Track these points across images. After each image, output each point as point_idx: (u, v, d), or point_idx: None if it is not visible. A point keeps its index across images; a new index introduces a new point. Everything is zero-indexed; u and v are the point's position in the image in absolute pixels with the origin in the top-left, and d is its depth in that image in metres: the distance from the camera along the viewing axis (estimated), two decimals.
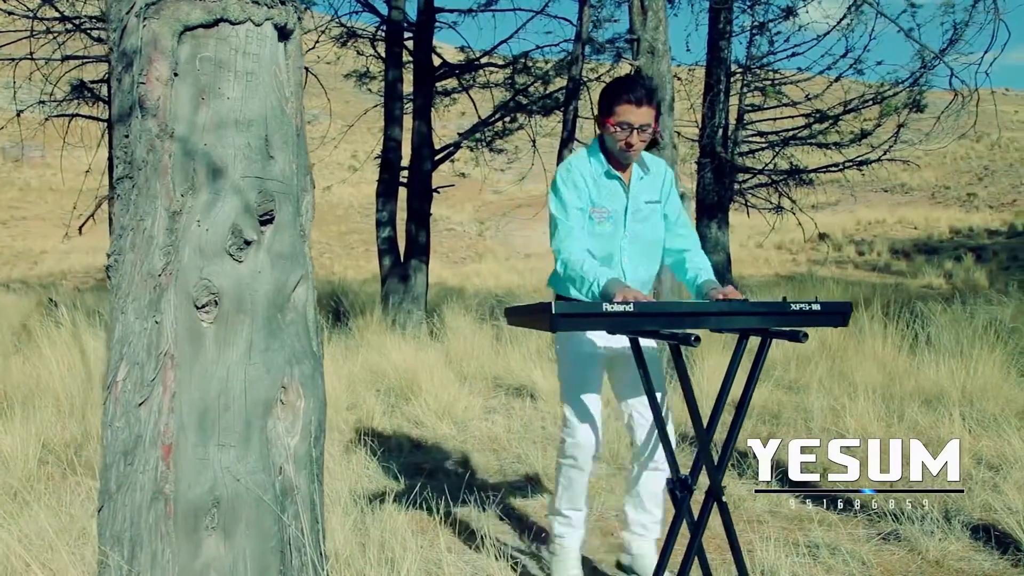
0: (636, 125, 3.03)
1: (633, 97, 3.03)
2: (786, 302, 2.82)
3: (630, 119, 3.03)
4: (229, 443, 1.98)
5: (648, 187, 3.25)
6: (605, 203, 3.15)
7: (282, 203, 2.05)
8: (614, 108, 3.05)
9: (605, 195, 3.15)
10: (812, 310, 2.82)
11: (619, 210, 3.18)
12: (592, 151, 3.21)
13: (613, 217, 3.17)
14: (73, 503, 4.17)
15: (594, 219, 3.16)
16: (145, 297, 1.95)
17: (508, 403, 6.97)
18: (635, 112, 3.03)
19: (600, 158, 3.17)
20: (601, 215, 3.16)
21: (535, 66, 14.11)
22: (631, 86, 3.07)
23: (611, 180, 3.17)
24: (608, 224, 3.17)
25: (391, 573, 3.10)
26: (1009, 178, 41.70)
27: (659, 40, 7.39)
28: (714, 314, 2.75)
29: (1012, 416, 5.64)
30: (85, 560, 3.46)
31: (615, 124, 3.04)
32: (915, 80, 11.18)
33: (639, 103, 3.03)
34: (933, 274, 20.67)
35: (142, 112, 1.96)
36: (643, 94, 3.05)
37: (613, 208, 3.17)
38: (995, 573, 3.54)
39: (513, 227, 36.89)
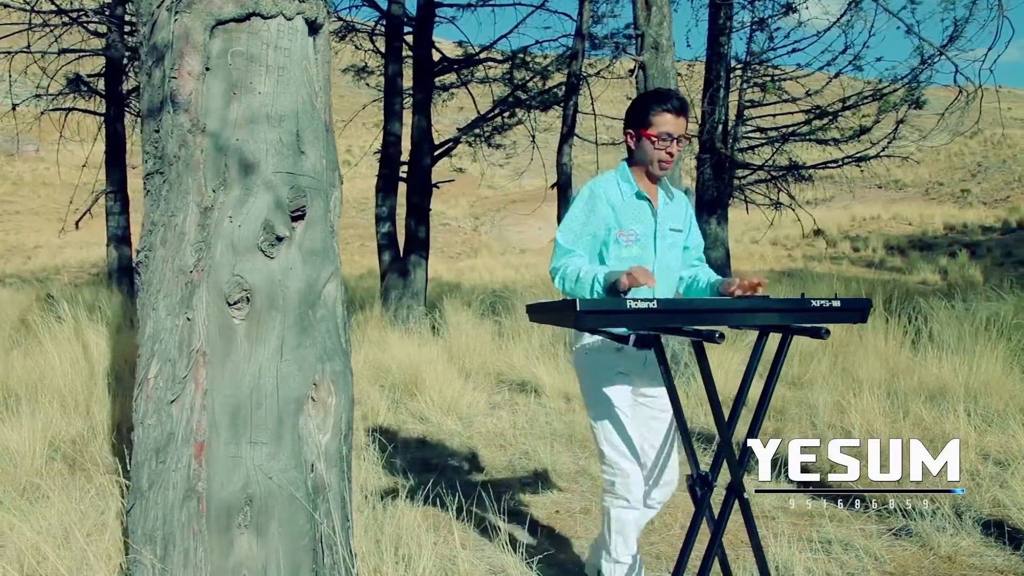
0: (675, 135, 2.99)
1: (671, 107, 2.97)
2: (807, 299, 2.81)
3: (669, 129, 2.97)
4: (261, 440, 1.97)
5: (673, 214, 3.17)
6: (633, 225, 3.04)
7: (313, 199, 2.03)
8: (651, 119, 2.98)
9: (632, 217, 3.05)
10: (832, 307, 2.81)
11: (648, 233, 3.07)
12: (621, 172, 3.11)
13: (641, 241, 3.06)
14: (83, 499, 4.15)
15: (621, 242, 3.03)
16: (177, 294, 1.93)
17: (512, 399, 6.96)
18: (673, 122, 2.97)
19: (630, 180, 3.08)
20: (629, 238, 3.04)
21: (533, 61, 14.08)
22: (667, 96, 3.01)
23: (640, 201, 3.07)
24: (636, 248, 3.05)
25: (408, 570, 3.09)
26: (1002, 174, 41.82)
27: (663, 36, 7.39)
28: (736, 311, 2.74)
29: (1016, 412, 5.65)
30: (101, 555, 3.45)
31: (655, 135, 2.98)
32: (915, 76, 11.19)
33: (677, 113, 2.97)
34: (928, 270, 20.74)
35: (174, 107, 1.94)
36: (680, 104, 2.98)
37: (641, 231, 3.07)
38: (1007, 568, 3.54)
39: (508, 222, 36.87)
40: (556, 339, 8.61)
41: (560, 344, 8.38)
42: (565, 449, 5.42)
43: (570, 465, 5.15)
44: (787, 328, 2.82)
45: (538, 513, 4.35)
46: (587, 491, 4.69)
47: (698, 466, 2.84)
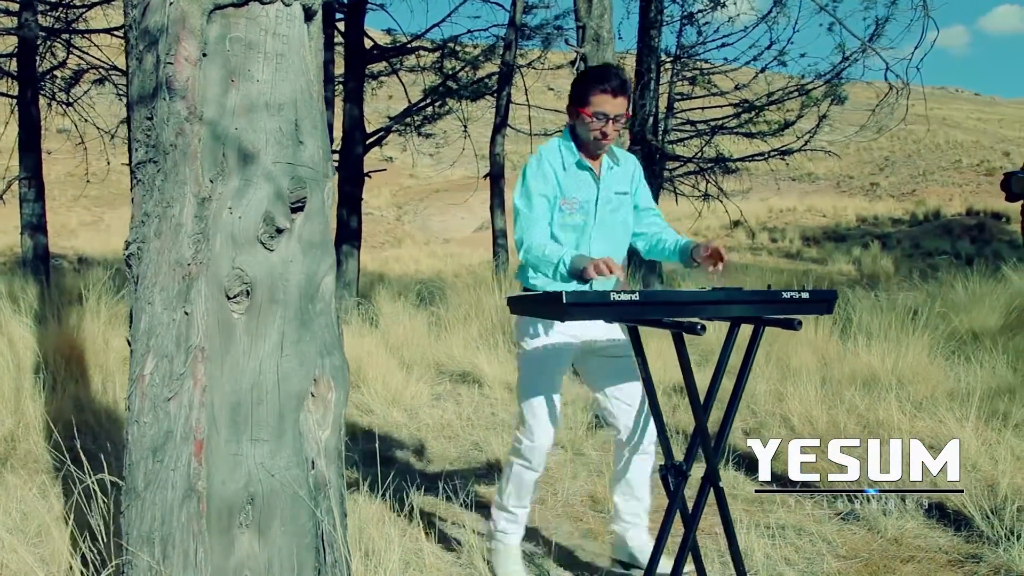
0: (611, 115, 3.03)
1: (609, 87, 3.01)
2: (777, 291, 2.88)
3: (605, 109, 3.01)
4: (263, 438, 1.92)
5: (618, 178, 3.25)
6: (576, 194, 3.13)
7: (313, 190, 1.98)
8: (589, 98, 3.02)
9: (575, 186, 3.13)
10: (801, 298, 2.89)
11: (590, 200, 3.15)
12: (564, 141, 3.18)
13: (584, 208, 3.15)
14: (24, 499, 3.99)
15: (564, 210, 3.13)
16: (173, 287, 1.87)
17: (454, 390, 6.95)
18: (611, 102, 3.02)
19: (572, 148, 3.14)
20: (572, 206, 3.14)
21: (463, 51, 14.03)
22: (606, 76, 3.05)
23: (582, 171, 3.14)
24: (579, 215, 3.14)
25: (378, 565, 3.06)
26: (908, 168, 43.47)
27: (604, 28, 7.45)
28: (711, 303, 2.79)
29: (944, 398, 5.89)
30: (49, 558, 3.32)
31: (591, 114, 3.02)
32: (837, 73, 11.51)
33: (615, 93, 3.02)
34: (843, 261, 21.43)
35: (170, 94, 1.86)
36: (618, 84, 3.03)
37: (584, 199, 3.15)
38: (951, 548, 3.70)
39: (431, 212, 36.70)
40: (494, 328, 8.61)
41: (499, 334, 8.39)
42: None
43: None
44: (759, 319, 2.88)
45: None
46: (540, 481, 4.71)
47: (672, 455, 2.89)
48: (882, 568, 3.50)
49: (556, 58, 14.16)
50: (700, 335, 2.54)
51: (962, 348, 7.20)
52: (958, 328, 7.80)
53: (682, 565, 2.81)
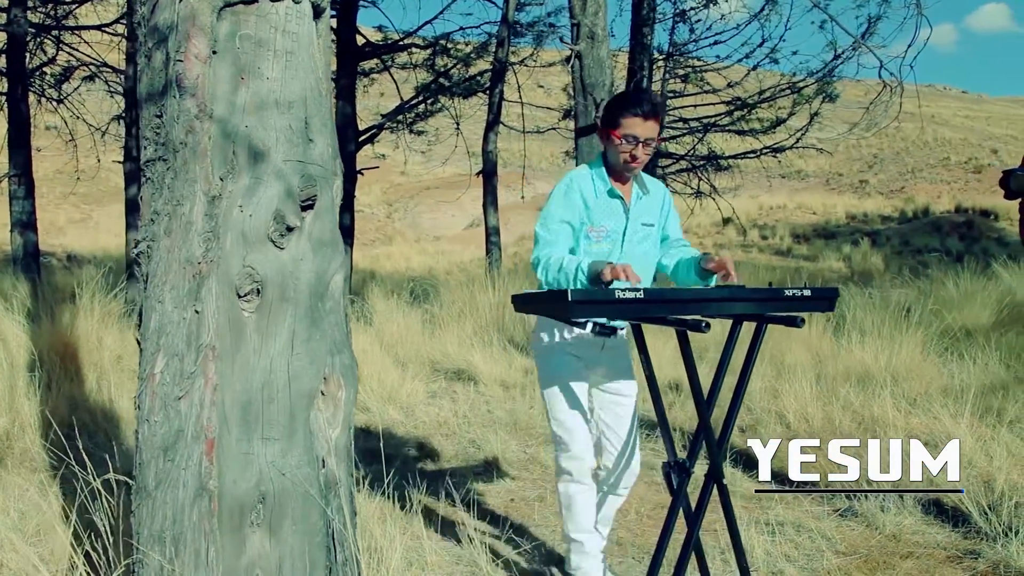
0: (642, 139, 3.01)
1: (640, 111, 2.99)
2: (779, 288, 2.88)
3: (636, 132, 3.00)
4: (274, 437, 1.91)
5: (646, 209, 3.23)
6: (604, 222, 3.10)
7: (323, 188, 1.98)
8: (620, 120, 3.01)
9: (605, 214, 3.11)
10: (803, 296, 2.90)
11: (617, 231, 3.13)
12: (594, 167, 3.16)
13: (611, 236, 3.12)
14: (22, 498, 3.97)
15: (591, 238, 3.10)
16: (184, 286, 1.86)
17: (450, 387, 6.95)
18: (641, 125, 3.00)
19: (603, 175, 3.12)
20: (599, 234, 3.11)
21: (455, 48, 14.00)
22: (638, 99, 3.03)
23: (613, 199, 3.12)
24: (605, 243, 3.11)
25: (379, 562, 3.06)
26: (896, 166, 43.66)
27: (599, 25, 7.45)
28: (715, 300, 2.79)
29: (938, 394, 5.92)
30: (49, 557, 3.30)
31: (620, 136, 3.01)
32: (829, 71, 11.54)
33: (646, 117, 2.99)
34: (833, 258, 21.52)
35: (179, 91, 1.85)
36: (650, 108, 3.01)
37: (612, 228, 3.13)
38: (949, 544, 3.72)
39: (421, 209, 36.65)
40: (488, 326, 8.62)
41: (493, 331, 8.40)
42: (511, 437, 5.44)
43: (519, 453, 5.17)
44: (761, 317, 2.89)
45: (494, 502, 4.36)
46: (539, 479, 4.72)
47: (675, 453, 2.89)
48: (882, 564, 3.52)
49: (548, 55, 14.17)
50: (705, 332, 2.55)
51: (955, 345, 7.24)
52: (951, 325, 7.84)
53: (685, 563, 2.81)
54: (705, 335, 2.88)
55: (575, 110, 7.63)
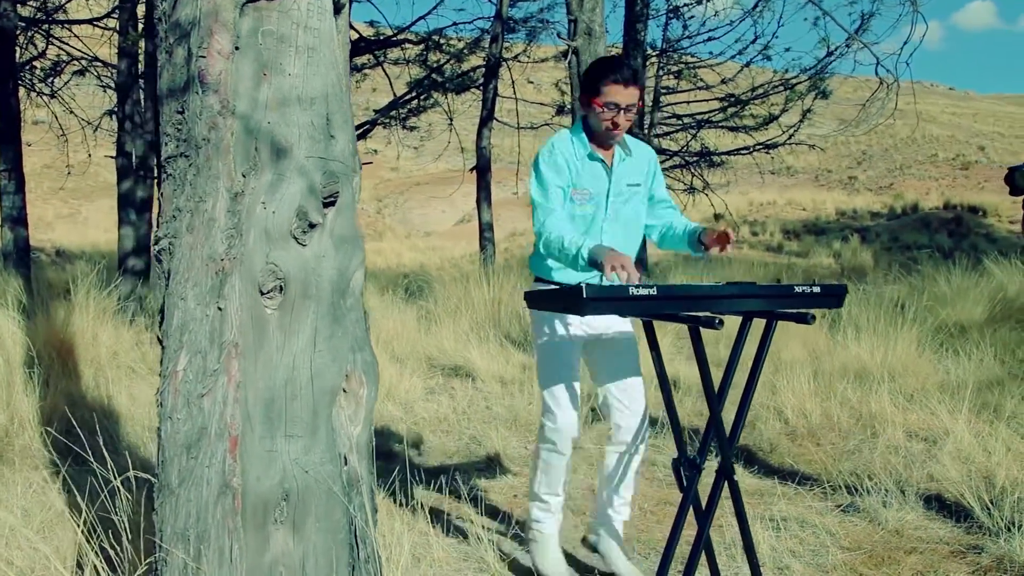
0: (623, 105, 3.04)
1: (620, 77, 3.03)
2: (789, 285, 2.90)
3: (617, 99, 3.03)
4: (297, 434, 1.91)
5: (631, 170, 3.25)
6: (587, 185, 3.14)
7: (344, 184, 1.97)
8: (600, 88, 3.04)
9: (587, 177, 3.15)
10: (813, 292, 2.91)
11: (601, 192, 3.17)
12: (575, 132, 3.19)
13: (595, 199, 3.16)
14: (25, 495, 3.95)
15: (575, 201, 3.14)
16: (207, 282, 1.85)
17: (447, 383, 6.94)
18: (622, 92, 3.03)
19: (583, 139, 3.16)
20: (583, 197, 3.15)
21: (448, 44, 13.98)
22: (618, 66, 3.06)
23: (594, 162, 3.15)
24: (589, 206, 3.16)
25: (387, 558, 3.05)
26: (885, 162, 43.87)
27: (595, 21, 7.45)
28: (725, 297, 2.80)
29: (935, 390, 5.95)
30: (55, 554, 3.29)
31: (602, 104, 3.04)
32: (822, 68, 11.58)
33: (626, 83, 3.03)
34: (823, 254, 21.61)
35: (202, 87, 1.84)
36: (630, 74, 3.05)
37: (595, 190, 3.16)
38: (952, 539, 3.74)
39: (411, 205, 36.61)
40: (485, 322, 8.62)
41: (490, 327, 8.39)
42: (511, 433, 5.45)
43: (520, 449, 5.18)
44: (771, 314, 2.90)
45: (497, 498, 4.37)
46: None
47: (685, 449, 2.90)
48: (887, 559, 3.54)
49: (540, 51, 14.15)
50: (718, 329, 2.56)
51: (949, 341, 7.28)
52: (945, 321, 7.89)
53: (696, 560, 2.82)
54: (704, 334, 2.90)
55: (572, 106, 7.63)
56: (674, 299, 2.63)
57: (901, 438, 5.16)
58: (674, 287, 2.67)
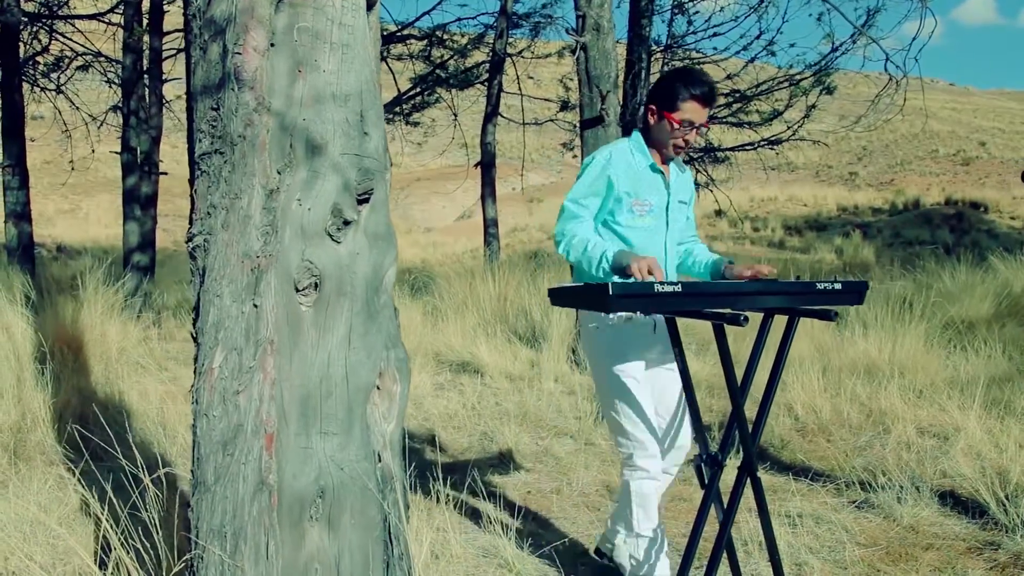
0: (698, 124, 2.97)
1: (702, 95, 2.93)
2: (811, 282, 2.90)
3: (694, 118, 2.95)
4: (332, 431, 1.91)
5: (683, 187, 3.20)
6: (649, 197, 3.05)
7: (378, 181, 1.97)
8: (679, 104, 2.93)
9: (647, 188, 3.05)
10: (835, 289, 2.91)
11: (661, 206, 3.09)
12: (635, 143, 3.09)
13: (655, 212, 3.08)
14: (41, 491, 3.95)
15: (635, 211, 3.03)
16: (242, 280, 1.85)
17: (456, 380, 6.94)
18: (700, 111, 2.95)
19: (644, 151, 3.06)
20: (643, 208, 3.05)
21: (451, 39, 13.97)
22: (700, 82, 2.94)
23: (655, 174, 3.07)
24: (649, 218, 3.06)
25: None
26: (886, 158, 43.87)
27: (604, 17, 7.43)
28: (748, 294, 2.80)
29: (944, 386, 5.96)
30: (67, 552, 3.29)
31: (679, 121, 2.94)
32: (827, 63, 11.56)
33: (706, 103, 2.95)
34: (825, 250, 21.60)
35: (238, 84, 1.84)
36: (710, 92, 2.95)
37: (656, 202, 3.08)
38: (967, 536, 3.75)
39: (412, 201, 36.57)
40: (492, 318, 8.62)
41: (496, 323, 8.39)
42: (522, 430, 5.45)
43: (532, 446, 5.18)
44: (793, 311, 2.90)
45: (511, 494, 4.37)
46: (553, 471, 4.73)
47: (707, 446, 2.90)
48: (904, 556, 3.54)
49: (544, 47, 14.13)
50: (743, 326, 2.56)
51: (957, 337, 7.29)
52: (952, 317, 7.89)
53: (719, 558, 2.82)
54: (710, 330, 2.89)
55: (580, 102, 7.61)
56: (698, 296, 2.63)
57: (912, 434, 5.16)
58: (698, 284, 2.67)
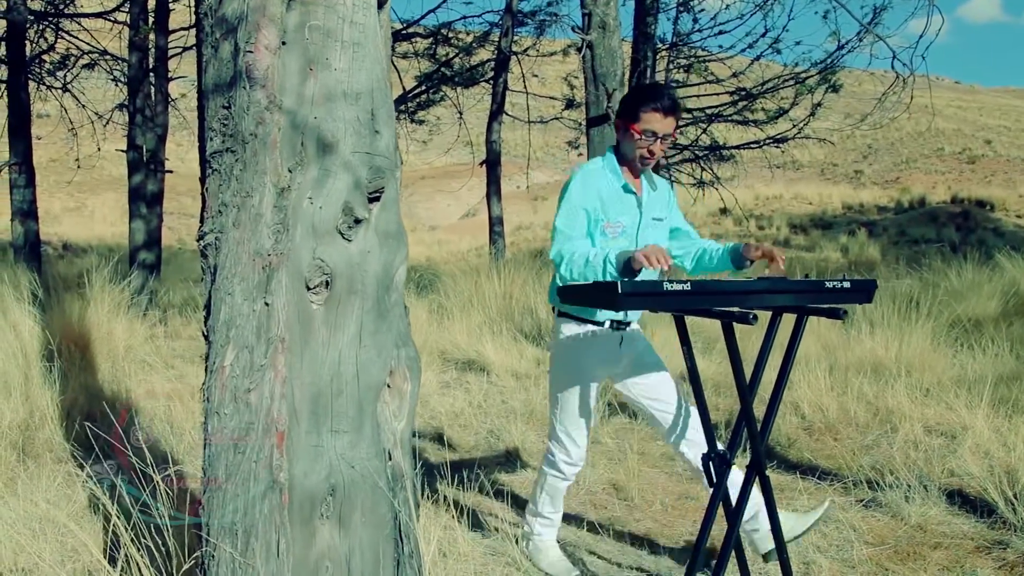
0: (660, 134, 3.03)
1: (661, 106, 3.00)
2: (820, 280, 2.89)
3: (655, 128, 3.01)
4: (343, 429, 1.91)
5: (656, 204, 3.26)
6: (620, 218, 3.12)
7: (389, 180, 1.97)
8: (639, 114, 3.02)
9: (620, 210, 3.12)
10: (843, 288, 2.91)
11: (632, 226, 3.16)
12: (607, 162, 3.17)
13: (627, 232, 3.15)
14: (50, 488, 3.96)
15: (607, 234, 3.11)
16: (254, 278, 1.85)
17: (462, 378, 6.95)
18: (661, 121, 3.01)
19: (617, 170, 3.14)
20: (615, 230, 3.12)
21: (456, 37, 13.97)
22: (658, 95, 3.03)
23: (627, 195, 3.14)
24: (622, 239, 3.13)
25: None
26: (891, 156, 43.79)
27: (610, 15, 7.43)
28: (757, 292, 2.79)
29: (950, 384, 5.94)
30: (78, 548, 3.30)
31: (640, 131, 3.02)
32: (833, 61, 11.54)
33: (666, 112, 3.01)
34: (830, 248, 21.55)
35: (249, 83, 1.84)
36: (670, 104, 3.02)
37: (627, 223, 3.15)
38: (975, 535, 3.74)
39: (417, 199, 36.59)
40: (497, 316, 8.62)
41: (502, 321, 8.39)
42: (528, 428, 5.45)
43: (538, 444, 5.18)
44: (802, 309, 2.90)
45: (519, 492, 4.38)
46: None
47: (715, 443, 2.90)
48: (912, 555, 3.54)
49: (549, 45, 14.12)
50: (752, 324, 2.56)
51: (964, 336, 7.27)
52: (959, 316, 7.87)
53: (727, 558, 2.82)
54: (716, 328, 2.90)
55: (586, 100, 7.62)
56: (707, 294, 2.63)
57: (919, 433, 5.15)
58: (707, 282, 2.66)
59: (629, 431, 5.34)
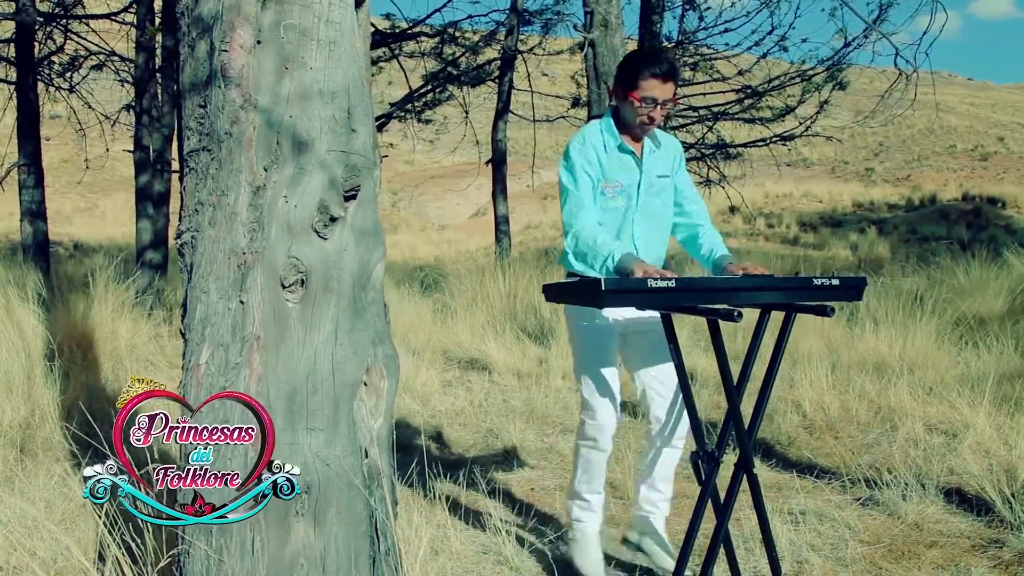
0: (660, 100, 3.01)
1: (659, 71, 2.98)
2: (808, 277, 2.88)
3: (655, 94, 2.99)
4: (318, 427, 1.92)
5: (660, 161, 3.22)
6: (618, 177, 3.10)
7: (365, 178, 1.98)
8: (638, 81, 3.00)
9: (617, 169, 3.11)
10: (832, 285, 2.90)
11: (632, 184, 3.13)
12: (605, 124, 3.15)
13: (626, 191, 3.13)
14: (47, 487, 3.99)
15: (606, 194, 3.11)
16: (229, 276, 1.86)
17: (464, 376, 6.95)
18: (660, 87, 2.99)
19: (614, 131, 3.12)
20: (614, 189, 3.11)
21: (463, 36, 13.96)
22: (656, 60, 3.01)
23: (624, 154, 3.12)
24: (621, 199, 3.12)
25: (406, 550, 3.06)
26: (902, 154, 43.57)
27: (612, 13, 7.42)
28: (745, 289, 2.79)
29: (953, 382, 5.91)
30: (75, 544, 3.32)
31: (639, 98, 3.00)
32: (839, 59, 11.49)
33: (664, 78, 2.99)
34: (840, 246, 21.47)
35: (224, 82, 1.85)
36: (668, 69, 3.00)
37: (626, 182, 3.13)
38: (973, 533, 3.72)
39: (426, 198, 36.64)
40: (501, 315, 8.62)
41: (506, 321, 8.39)
42: (528, 426, 5.45)
43: (536, 443, 5.18)
44: (791, 306, 2.89)
45: (514, 491, 4.37)
46: (557, 468, 4.73)
47: (704, 442, 2.89)
48: (906, 553, 3.52)
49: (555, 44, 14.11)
50: (737, 322, 2.55)
51: (969, 333, 7.22)
52: (964, 314, 7.82)
53: (715, 555, 2.81)
54: (703, 323, 2.89)
55: (589, 98, 7.62)
56: (693, 291, 2.63)
57: (920, 431, 5.12)
58: (693, 280, 2.66)
59: (627, 430, 5.33)
